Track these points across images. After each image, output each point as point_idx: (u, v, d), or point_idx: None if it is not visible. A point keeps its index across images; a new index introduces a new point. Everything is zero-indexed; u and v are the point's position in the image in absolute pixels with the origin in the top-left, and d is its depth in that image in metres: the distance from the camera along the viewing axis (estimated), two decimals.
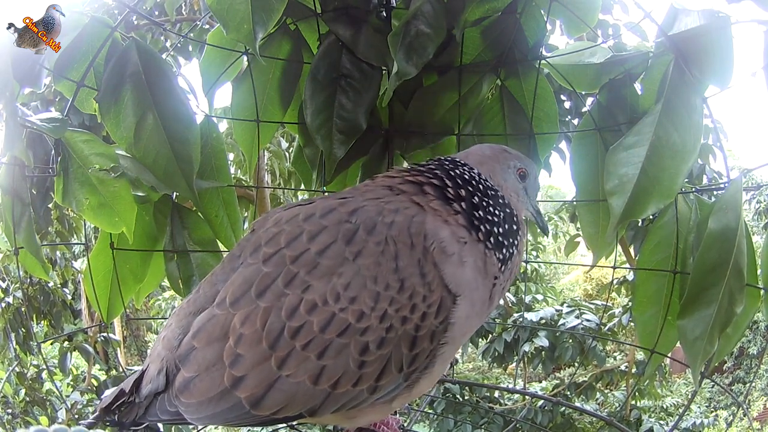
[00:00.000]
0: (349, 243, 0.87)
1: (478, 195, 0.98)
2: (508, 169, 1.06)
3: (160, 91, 1.25)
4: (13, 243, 1.25)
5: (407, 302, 0.86)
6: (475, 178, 1.01)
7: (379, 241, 0.87)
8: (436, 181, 0.98)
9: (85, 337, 5.29)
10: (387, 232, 0.88)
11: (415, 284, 0.86)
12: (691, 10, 1.19)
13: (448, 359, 0.94)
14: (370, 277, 0.85)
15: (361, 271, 0.86)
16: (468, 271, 0.91)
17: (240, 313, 0.87)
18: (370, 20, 1.46)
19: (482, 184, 1.00)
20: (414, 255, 0.88)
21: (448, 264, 0.89)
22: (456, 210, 0.95)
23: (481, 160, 1.06)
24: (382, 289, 0.85)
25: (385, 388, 0.89)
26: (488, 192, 1.00)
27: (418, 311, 0.86)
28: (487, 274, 0.94)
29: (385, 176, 1.04)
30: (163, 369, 0.92)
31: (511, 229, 0.99)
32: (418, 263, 0.87)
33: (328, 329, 0.84)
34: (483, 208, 0.97)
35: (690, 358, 1.17)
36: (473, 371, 9.28)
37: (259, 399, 0.85)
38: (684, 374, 9.75)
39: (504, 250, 0.97)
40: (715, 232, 1.14)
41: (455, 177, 0.99)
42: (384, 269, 0.86)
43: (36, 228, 1.29)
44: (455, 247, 0.91)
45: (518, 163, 1.07)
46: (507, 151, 1.09)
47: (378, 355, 0.85)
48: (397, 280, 0.86)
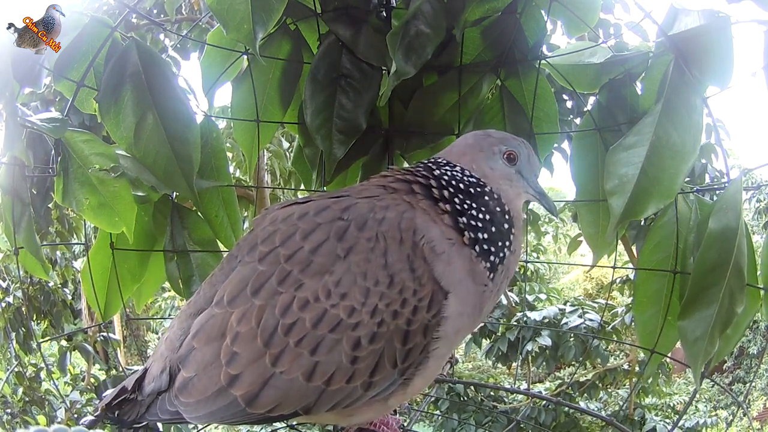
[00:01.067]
0: (341, 240, 0.88)
1: (459, 197, 0.95)
2: (494, 155, 1.01)
3: (160, 91, 1.25)
4: (13, 243, 1.25)
5: (397, 297, 0.86)
6: (456, 176, 0.98)
7: (370, 237, 0.88)
8: (422, 180, 0.98)
9: (85, 337, 5.29)
10: (377, 228, 0.89)
11: (404, 279, 0.87)
12: (691, 10, 1.19)
13: (442, 356, 0.94)
14: (360, 273, 0.86)
15: (352, 267, 0.87)
16: (457, 271, 0.91)
17: (237, 311, 0.88)
18: (370, 20, 1.46)
19: (464, 182, 0.97)
20: (403, 250, 0.88)
21: (438, 261, 0.89)
22: (443, 210, 0.94)
23: (463, 150, 1.03)
24: (372, 285, 0.86)
25: (380, 384, 0.89)
26: (471, 190, 0.96)
27: (409, 305, 0.87)
28: (475, 281, 0.93)
29: (380, 176, 1.04)
30: (167, 368, 0.93)
31: (500, 231, 0.96)
32: (407, 258, 0.88)
33: (320, 325, 0.85)
34: (466, 212, 0.94)
35: (690, 358, 1.17)
36: (474, 370, 9.28)
37: (254, 396, 0.86)
38: (684, 373, 9.74)
39: (492, 257, 0.94)
40: (715, 232, 1.14)
41: (438, 177, 0.98)
42: (373, 265, 0.87)
43: (36, 228, 1.29)
44: (444, 246, 0.91)
45: (504, 147, 1.01)
46: (491, 135, 1.04)
47: (370, 350, 0.86)
48: (387, 276, 0.87)
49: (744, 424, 7.29)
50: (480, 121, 1.56)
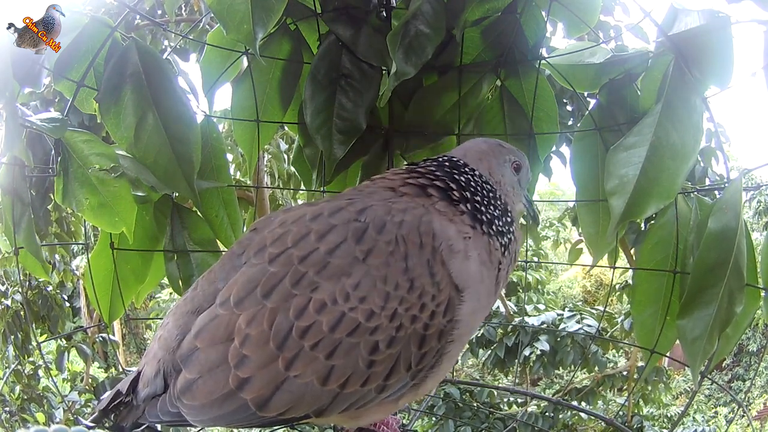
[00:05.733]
0: (359, 242, 0.87)
1: (479, 196, 1.01)
2: (504, 164, 1.09)
3: (160, 91, 1.25)
4: (13, 243, 1.25)
5: (417, 301, 0.86)
6: (478, 182, 1.03)
7: (389, 240, 0.88)
8: (439, 183, 0.99)
9: (84, 337, 5.28)
10: (397, 232, 0.88)
11: (424, 284, 0.87)
12: (691, 10, 1.19)
13: (454, 357, 0.95)
14: (380, 276, 0.86)
15: (372, 270, 0.86)
16: (473, 265, 0.92)
17: (245, 313, 0.86)
18: (370, 20, 1.46)
19: (485, 187, 1.03)
20: (423, 255, 0.88)
21: (455, 261, 0.90)
22: (462, 210, 0.96)
23: (480, 156, 1.08)
24: (392, 289, 0.86)
25: (393, 387, 0.89)
26: (487, 193, 1.03)
27: (427, 310, 0.87)
28: (492, 262, 0.98)
29: (383, 178, 1.04)
30: (161, 371, 0.91)
31: (507, 221, 1.03)
32: (427, 263, 0.88)
33: (338, 329, 0.84)
34: (485, 206, 1.00)
35: (690, 358, 1.18)
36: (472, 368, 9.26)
37: (266, 400, 0.84)
38: (683, 371, 9.74)
39: (504, 238, 1.00)
40: (715, 232, 1.14)
41: (458, 180, 1.01)
42: (394, 269, 0.86)
43: (35, 228, 1.29)
44: (461, 244, 0.92)
45: (513, 157, 1.10)
46: (502, 145, 1.12)
47: (387, 354, 0.86)
48: (407, 280, 0.86)
49: (744, 422, 7.30)
50: (480, 121, 1.56)
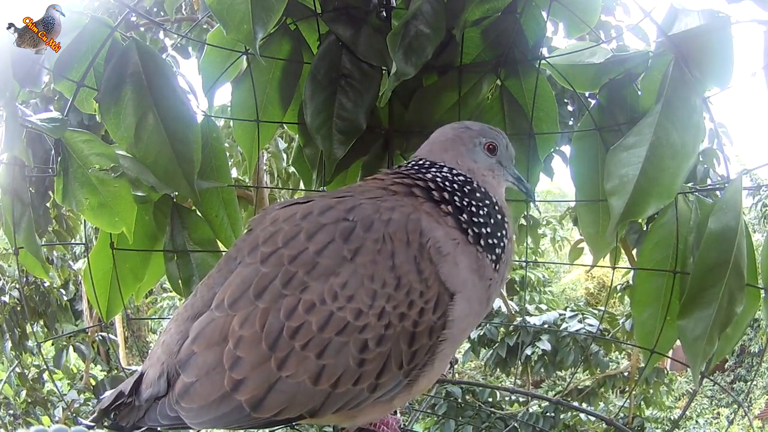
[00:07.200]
0: (347, 241, 0.88)
1: (458, 195, 0.97)
2: (475, 148, 1.04)
3: (160, 91, 1.25)
4: (13, 243, 1.25)
5: (404, 299, 0.86)
6: (448, 177, 0.99)
7: (376, 238, 0.87)
8: (421, 183, 0.98)
9: (84, 336, 5.28)
10: (384, 230, 0.88)
11: (411, 281, 0.87)
12: (691, 10, 1.19)
13: (447, 357, 0.95)
14: (367, 275, 0.86)
15: (359, 269, 0.86)
16: (463, 272, 0.92)
17: (239, 314, 0.87)
18: (370, 20, 1.46)
19: (457, 182, 0.99)
20: (410, 252, 0.88)
21: (444, 263, 0.90)
22: (445, 211, 0.95)
23: (444, 146, 1.05)
24: (380, 287, 0.86)
25: (386, 386, 0.89)
26: (465, 189, 0.99)
27: (416, 307, 0.87)
28: (482, 276, 0.95)
29: (375, 178, 1.04)
30: (164, 373, 0.91)
31: (497, 223, 0.98)
32: (414, 260, 0.88)
33: (327, 328, 0.84)
34: (466, 209, 0.96)
35: (690, 358, 1.18)
36: (474, 370, 9.25)
37: (260, 401, 0.85)
38: (685, 373, 9.73)
39: (496, 250, 0.97)
40: (715, 232, 1.14)
41: (433, 180, 0.99)
42: (381, 267, 0.86)
43: (35, 227, 1.29)
44: (450, 247, 0.91)
45: (483, 138, 1.05)
46: (469, 127, 1.07)
47: (377, 352, 0.86)
48: (394, 278, 0.86)
49: (746, 423, 7.29)
50: (480, 121, 1.56)
